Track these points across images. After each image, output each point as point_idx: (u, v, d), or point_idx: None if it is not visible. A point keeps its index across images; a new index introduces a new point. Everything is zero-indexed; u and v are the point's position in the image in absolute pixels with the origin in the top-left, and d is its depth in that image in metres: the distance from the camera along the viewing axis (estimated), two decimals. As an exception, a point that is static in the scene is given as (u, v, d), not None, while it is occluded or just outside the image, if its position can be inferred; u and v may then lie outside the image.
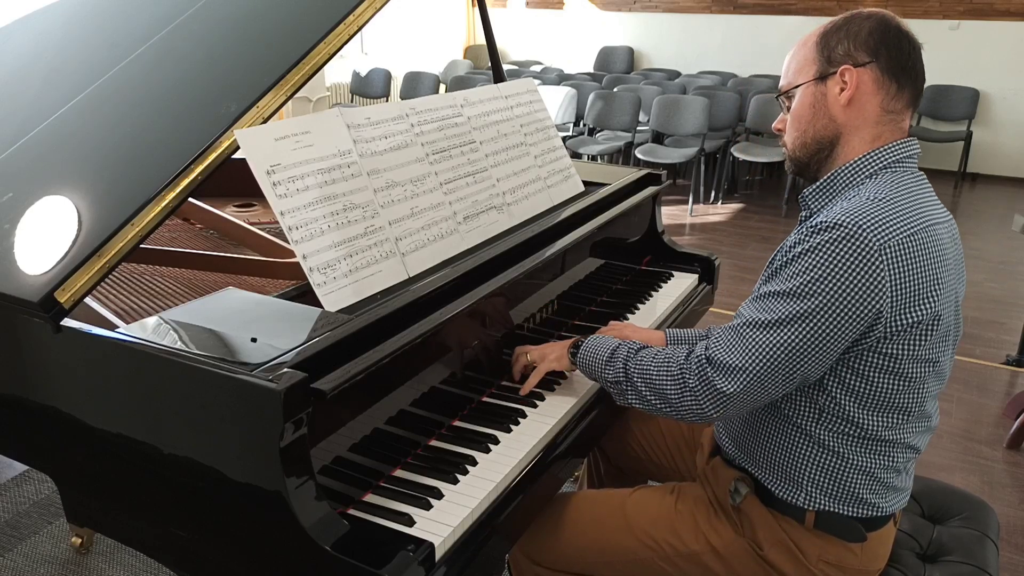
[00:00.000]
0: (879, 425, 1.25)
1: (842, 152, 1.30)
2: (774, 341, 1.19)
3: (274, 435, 1.04)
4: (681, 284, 2.13)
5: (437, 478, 1.26)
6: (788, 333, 1.18)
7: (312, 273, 1.29)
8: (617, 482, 1.81)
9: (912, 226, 1.18)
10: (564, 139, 5.51)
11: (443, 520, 1.17)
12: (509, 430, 1.40)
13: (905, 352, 1.20)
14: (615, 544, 1.44)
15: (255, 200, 2.29)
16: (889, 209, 1.18)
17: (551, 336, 1.76)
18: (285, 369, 1.07)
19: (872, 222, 1.15)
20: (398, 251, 1.45)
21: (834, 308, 1.15)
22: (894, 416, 1.25)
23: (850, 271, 1.14)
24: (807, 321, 1.17)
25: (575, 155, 5.75)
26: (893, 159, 1.26)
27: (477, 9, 2.28)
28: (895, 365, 1.21)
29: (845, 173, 1.29)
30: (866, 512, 1.31)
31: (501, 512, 1.25)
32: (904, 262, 1.15)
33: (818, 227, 1.18)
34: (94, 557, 2.21)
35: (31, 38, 2.04)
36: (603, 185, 2.09)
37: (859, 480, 1.29)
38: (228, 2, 1.73)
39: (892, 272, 1.15)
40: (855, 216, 1.16)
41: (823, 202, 1.32)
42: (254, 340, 1.17)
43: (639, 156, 6.00)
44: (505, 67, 4.30)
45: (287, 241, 1.41)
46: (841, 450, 1.28)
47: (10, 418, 1.41)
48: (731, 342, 1.23)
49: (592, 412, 1.54)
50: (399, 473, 1.28)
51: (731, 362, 1.21)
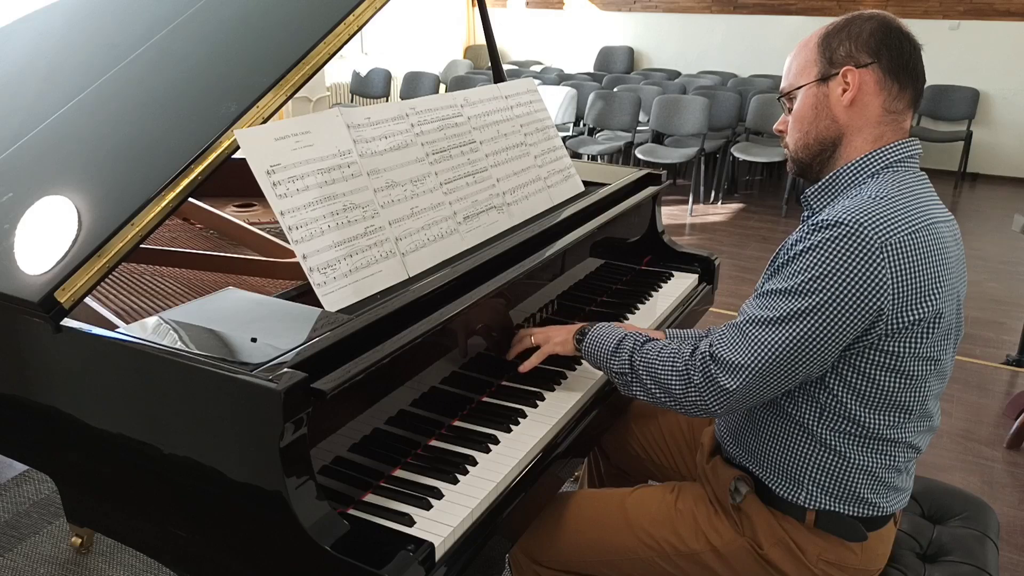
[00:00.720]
0: (881, 424, 1.25)
1: (844, 152, 1.30)
2: (777, 338, 1.19)
3: (274, 435, 1.04)
4: (681, 284, 2.13)
5: (437, 478, 1.26)
6: (790, 330, 1.18)
7: (312, 273, 1.29)
8: (617, 482, 1.81)
9: (914, 224, 1.18)
10: (564, 139, 5.52)
11: (443, 520, 1.17)
12: (509, 430, 1.40)
13: (907, 349, 1.20)
14: (615, 543, 1.44)
15: (255, 200, 2.29)
16: (891, 207, 1.18)
17: (551, 336, 1.76)
18: (285, 369, 1.07)
19: (874, 220, 1.16)
20: (398, 251, 1.45)
21: (836, 305, 1.15)
22: (896, 415, 1.25)
23: (852, 268, 1.14)
24: (809, 318, 1.17)
25: (575, 155, 5.75)
26: (895, 159, 1.26)
27: (477, 9, 2.28)
28: (897, 363, 1.21)
29: (847, 172, 1.29)
30: (867, 512, 1.31)
31: (501, 512, 1.25)
32: (906, 259, 1.16)
33: (820, 225, 1.18)
34: (94, 557, 2.21)
35: (31, 38, 2.04)
36: (603, 185, 2.09)
37: (860, 479, 1.29)
38: (228, 2, 1.73)
39: (894, 269, 1.15)
40: (857, 214, 1.16)
41: (825, 201, 1.32)
42: (254, 340, 1.17)
43: (639, 156, 6.00)
44: (505, 67, 4.30)
45: (287, 241, 1.41)
46: (842, 449, 1.28)
47: (10, 418, 1.41)
48: (734, 339, 1.23)
49: (592, 412, 1.54)
50: (399, 473, 1.28)
51: (734, 359, 1.22)
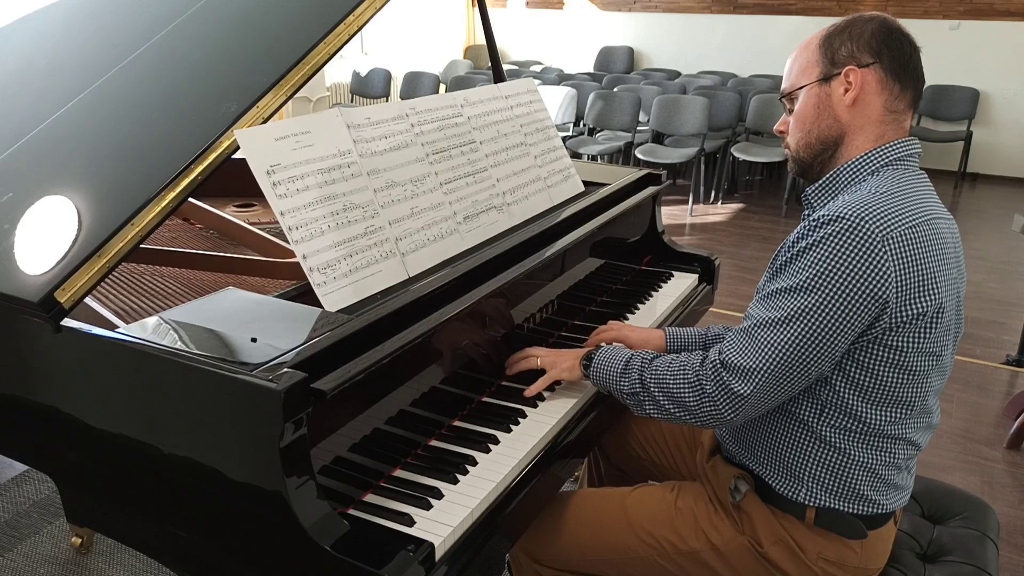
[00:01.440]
0: (881, 420, 1.26)
1: (845, 152, 1.30)
2: (785, 338, 1.19)
3: (274, 435, 1.04)
4: (681, 284, 2.13)
5: (437, 478, 1.26)
6: (799, 328, 1.18)
7: (312, 273, 1.29)
8: (617, 482, 1.81)
9: (913, 218, 1.18)
10: (564, 139, 5.52)
11: (443, 520, 1.17)
12: (509, 430, 1.40)
13: (910, 344, 1.20)
14: (615, 542, 1.44)
15: (255, 200, 2.29)
16: (890, 201, 1.19)
17: (551, 336, 1.76)
18: (285, 369, 1.07)
19: (874, 214, 1.16)
20: (398, 251, 1.45)
21: (842, 299, 1.16)
22: (896, 410, 1.26)
23: (855, 262, 1.15)
24: (816, 314, 1.17)
25: (575, 155, 5.75)
26: (895, 156, 1.27)
27: (477, 9, 2.28)
28: (900, 358, 1.21)
29: (847, 170, 1.29)
30: (867, 509, 1.31)
31: (501, 512, 1.25)
32: (907, 252, 1.16)
33: (820, 221, 1.19)
34: (94, 557, 2.21)
35: (31, 38, 2.04)
36: (603, 185, 2.09)
37: (860, 476, 1.29)
38: (228, 2, 1.73)
39: (896, 261, 1.15)
40: (857, 208, 1.17)
41: (826, 199, 1.32)
42: (254, 340, 1.17)
43: (639, 156, 6.00)
44: (505, 67, 4.30)
45: (287, 241, 1.41)
46: (843, 446, 1.28)
47: (10, 418, 1.41)
48: (743, 344, 1.23)
49: (592, 412, 1.54)
50: (399, 473, 1.28)
51: (745, 364, 1.22)
